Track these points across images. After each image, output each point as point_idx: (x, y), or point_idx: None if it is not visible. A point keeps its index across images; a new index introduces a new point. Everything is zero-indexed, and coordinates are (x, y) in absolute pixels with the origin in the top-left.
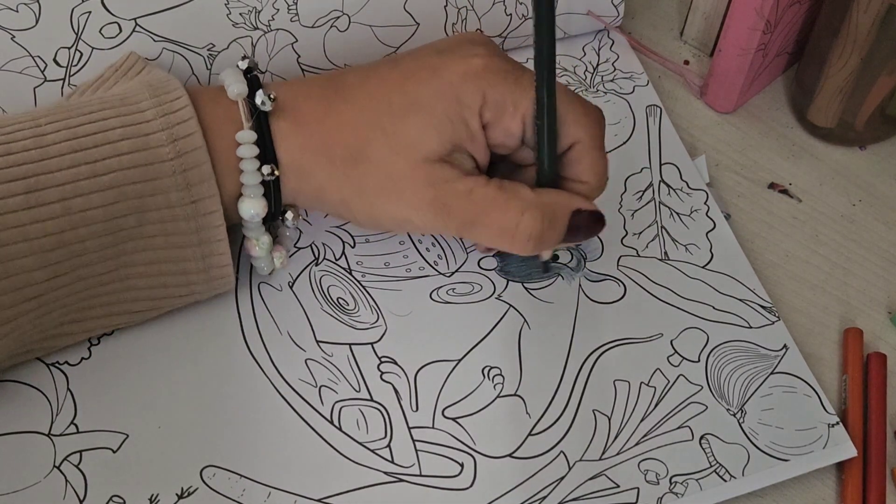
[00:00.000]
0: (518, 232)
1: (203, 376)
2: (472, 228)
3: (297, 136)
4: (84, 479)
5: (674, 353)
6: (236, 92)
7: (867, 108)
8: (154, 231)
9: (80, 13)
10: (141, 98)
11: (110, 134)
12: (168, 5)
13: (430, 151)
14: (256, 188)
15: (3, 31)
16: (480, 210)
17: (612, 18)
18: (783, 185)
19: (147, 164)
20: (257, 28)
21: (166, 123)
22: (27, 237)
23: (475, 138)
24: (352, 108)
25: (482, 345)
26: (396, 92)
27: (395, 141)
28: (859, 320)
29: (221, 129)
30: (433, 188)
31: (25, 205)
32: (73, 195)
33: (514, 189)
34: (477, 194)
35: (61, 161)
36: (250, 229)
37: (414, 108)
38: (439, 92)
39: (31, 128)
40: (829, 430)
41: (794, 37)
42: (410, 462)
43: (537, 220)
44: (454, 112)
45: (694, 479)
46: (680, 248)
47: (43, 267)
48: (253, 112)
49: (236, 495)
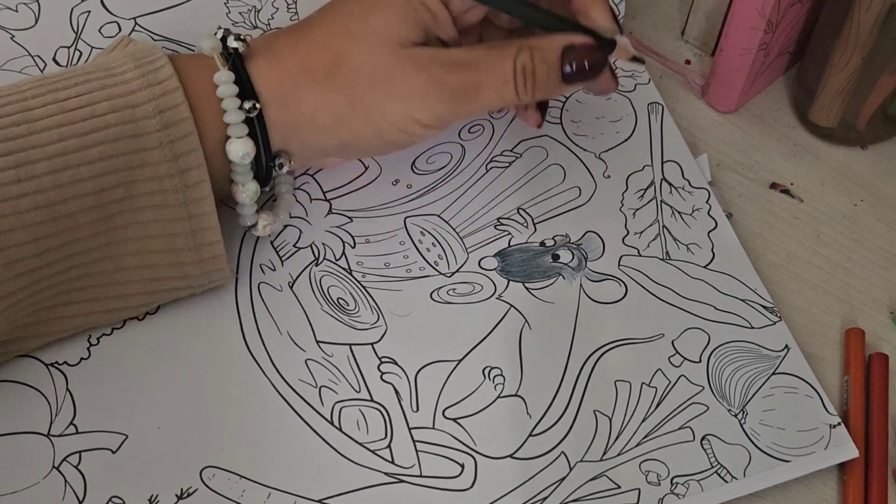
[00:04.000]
0: (516, 78)
1: (203, 377)
2: (474, 96)
3: (273, 67)
4: (83, 480)
5: (675, 354)
6: (210, 46)
7: (869, 107)
8: (143, 203)
9: (80, 13)
10: (126, 69)
11: (97, 107)
12: (167, 4)
13: (401, 37)
14: (241, 127)
15: (3, 31)
16: (476, 73)
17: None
18: (785, 185)
19: (134, 135)
20: (257, 27)
21: (151, 95)
22: (18, 210)
23: (438, 17)
24: (318, 28)
25: (483, 345)
26: (354, 2)
27: (368, 38)
28: (861, 321)
29: (200, 81)
30: (424, 71)
31: (16, 178)
32: (63, 167)
33: (503, 42)
34: (468, 59)
35: (49, 135)
36: (238, 173)
37: (374, 6)
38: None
39: (18, 101)
40: (830, 431)
41: (795, 36)
42: (411, 463)
43: (527, 57)
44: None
45: (695, 479)
46: (681, 247)
47: (34, 240)
48: (228, 58)
49: (236, 496)
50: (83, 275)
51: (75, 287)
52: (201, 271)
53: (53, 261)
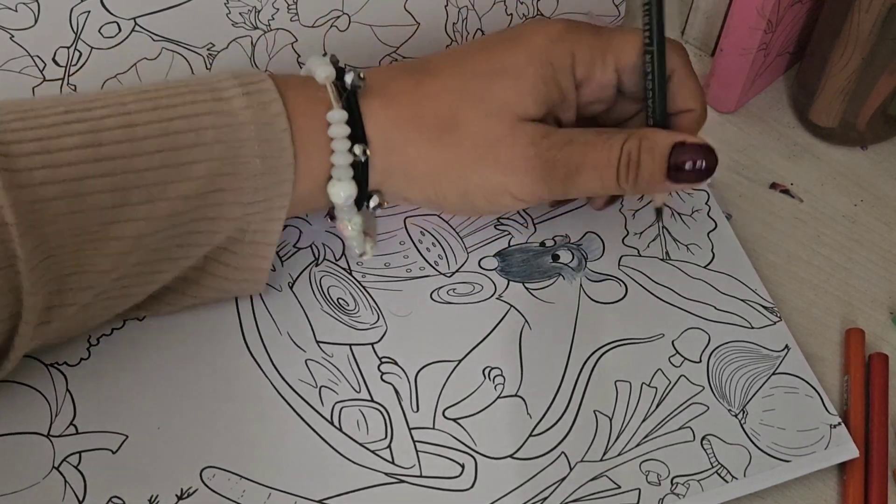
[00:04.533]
0: (620, 163)
1: (203, 377)
2: (575, 177)
3: (387, 111)
4: (83, 480)
5: (675, 354)
6: (324, 75)
7: (869, 107)
8: (220, 227)
9: (80, 12)
10: (233, 94)
11: (203, 135)
12: (167, 5)
13: (525, 112)
14: (346, 170)
15: (2, 31)
16: (582, 154)
17: (613, 18)
18: (785, 185)
19: (234, 173)
20: (257, 28)
21: (259, 134)
22: (107, 237)
23: (566, 99)
24: (439, 80)
25: (483, 345)
26: (482, 61)
27: (489, 104)
28: (861, 321)
29: (311, 118)
30: (534, 146)
31: (110, 203)
32: (160, 198)
33: (613, 130)
34: (578, 140)
35: (150, 160)
36: (343, 212)
37: (504, 73)
38: (530, 56)
39: (121, 114)
40: (830, 431)
41: (795, 36)
42: (411, 463)
43: (635, 147)
44: (547, 74)
45: (695, 479)
46: (681, 248)
47: (115, 268)
48: (342, 94)
49: (236, 496)
50: (145, 282)
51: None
52: (239, 289)
53: (126, 286)
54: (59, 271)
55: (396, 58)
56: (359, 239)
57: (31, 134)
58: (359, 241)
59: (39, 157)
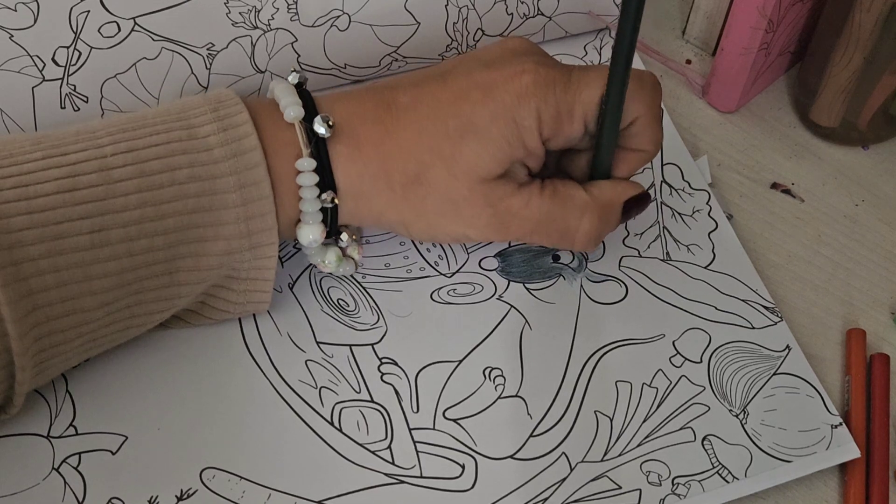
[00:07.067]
0: (578, 235)
1: (203, 377)
2: (531, 237)
3: (356, 161)
4: (83, 481)
5: (676, 354)
6: (293, 115)
7: (870, 107)
8: (208, 264)
9: (79, 12)
10: (209, 131)
11: (178, 175)
12: (167, 4)
13: (487, 173)
14: (315, 214)
15: (2, 31)
16: (537, 221)
17: (614, 17)
18: (786, 185)
19: (211, 209)
20: (257, 27)
21: (235, 167)
22: (89, 277)
23: (532, 154)
24: (408, 133)
25: (483, 345)
26: (451, 115)
27: (453, 165)
28: (862, 321)
29: (282, 159)
30: (491, 207)
31: (90, 245)
32: (138, 237)
33: (569, 194)
34: (533, 206)
35: (127, 201)
36: (312, 253)
37: (470, 130)
38: (495, 115)
39: (97, 158)
40: (831, 431)
41: (796, 36)
42: (411, 463)
43: (595, 221)
44: (512, 134)
45: (696, 480)
46: (682, 248)
47: (103, 306)
48: (311, 136)
49: (236, 497)
50: (139, 313)
51: (129, 325)
52: (243, 310)
53: (115, 321)
54: (48, 315)
55: (396, 58)
56: (339, 269)
57: (9, 182)
58: (343, 269)
59: (17, 205)
